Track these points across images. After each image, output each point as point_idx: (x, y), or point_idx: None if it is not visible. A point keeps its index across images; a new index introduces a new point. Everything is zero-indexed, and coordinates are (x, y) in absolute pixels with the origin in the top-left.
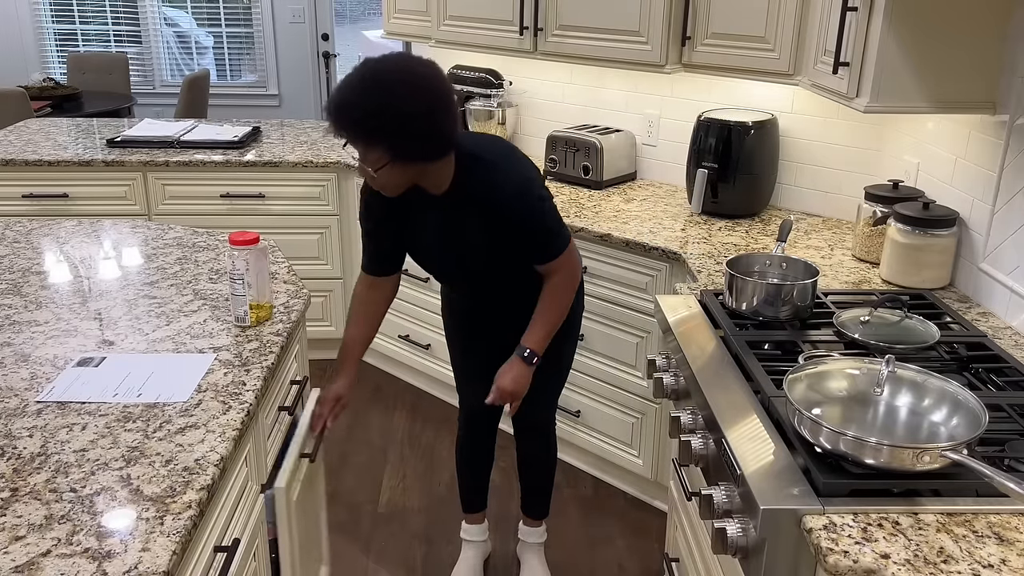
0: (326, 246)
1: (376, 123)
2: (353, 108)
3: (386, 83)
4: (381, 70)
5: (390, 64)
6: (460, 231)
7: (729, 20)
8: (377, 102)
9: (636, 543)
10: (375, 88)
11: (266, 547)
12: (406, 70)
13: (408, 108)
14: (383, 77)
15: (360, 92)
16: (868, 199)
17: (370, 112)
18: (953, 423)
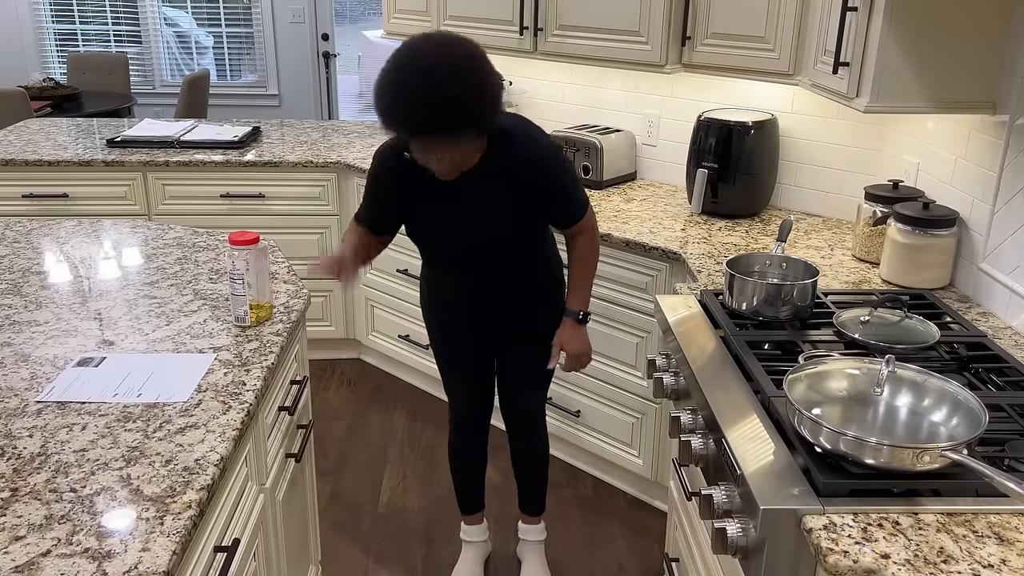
0: (326, 246)
1: (453, 111)
2: (430, 104)
3: (449, 70)
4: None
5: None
6: (485, 203)
7: (729, 20)
8: (450, 92)
9: (636, 543)
10: (444, 79)
11: (266, 547)
12: (454, 53)
13: (474, 89)
14: (444, 64)
15: (429, 86)
16: (868, 199)
17: (447, 102)
18: (953, 423)
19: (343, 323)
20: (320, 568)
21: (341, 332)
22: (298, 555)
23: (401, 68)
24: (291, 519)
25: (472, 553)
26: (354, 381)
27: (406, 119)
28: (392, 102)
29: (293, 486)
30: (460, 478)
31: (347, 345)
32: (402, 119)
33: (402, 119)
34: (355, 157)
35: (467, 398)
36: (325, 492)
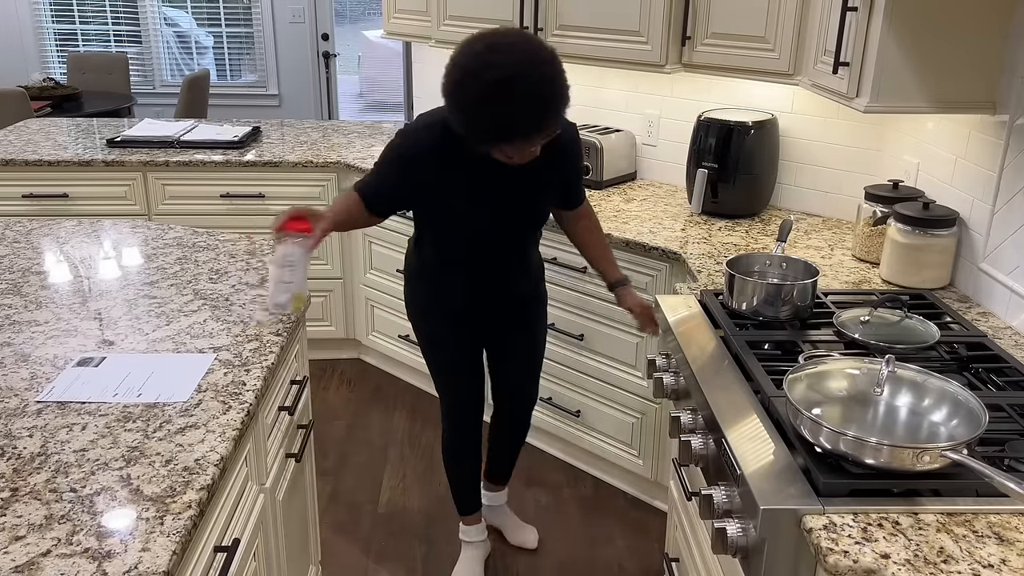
0: (326, 246)
1: (565, 102)
2: (555, 101)
3: (551, 65)
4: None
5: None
6: (526, 185)
7: (729, 20)
8: (562, 85)
9: (636, 543)
10: (554, 75)
11: (266, 547)
12: (540, 46)
13: (565, 75)
14: (547, 60)
15: (552, 87)
16: (868, 199)
17: (563, 96)
18: (953, 423)
19: (343, 323)
20: (320, 568)
21: (341, 332)
22: (298, 555)
23: (515, 77)
24: (291, 519)
25: (472, 553)
26: (354, 381)
27: (538, 124)
28: (522, 112)
29: (293, 486)
30: (457, 478)
31: (347, 345)
32: (534, 125)
33: (534, 125)
34: (355, 157)
35: (466, 394)
36: (325, 492)
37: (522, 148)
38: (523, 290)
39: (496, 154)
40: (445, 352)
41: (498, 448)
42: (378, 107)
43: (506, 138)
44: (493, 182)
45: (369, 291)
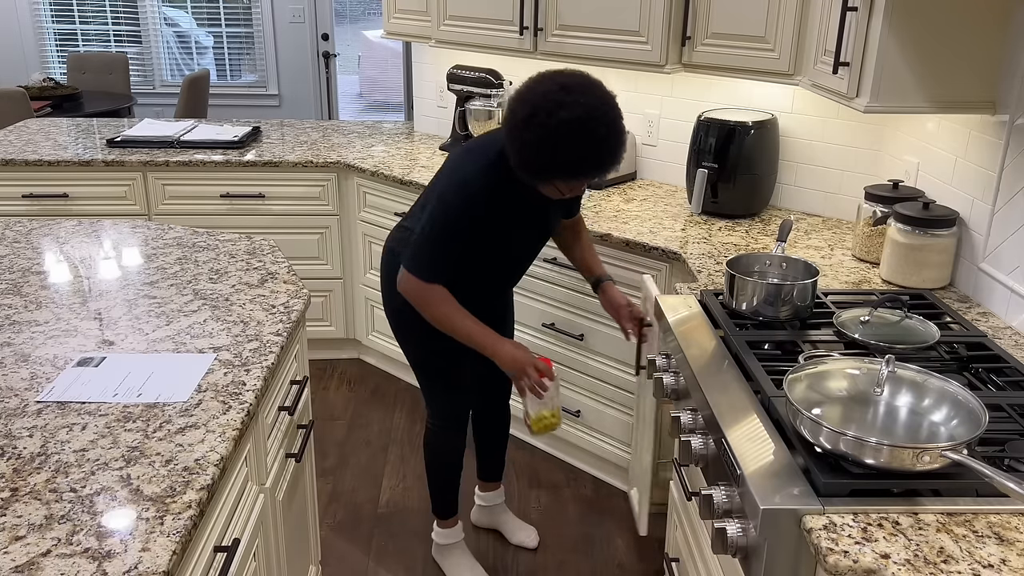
0: (326, 246)
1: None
2: (621, 145)
3: (616, 109)
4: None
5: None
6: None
7: (729, 20)
8: (623, 128)
9: (636, 543)
10: (618, 117)
11: (266, 547)
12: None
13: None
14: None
15: (619, 132)
16: (868, 199)
17: (625, 137)
18: (953, 423)
19: (343, 323)
20: (320, 568)
21: (341, 332)
22: (298, 555)
23: (589, 119)
24: (291, 519)
25: (463, 549)
26: (354, 381)
27: (604, 165)
28: (593, 152)
29: (293, 486)
30: (448, 482)
31: (347, 345)
32: (600, 166)
33: (600, 166)
34: (355, 157)
35: (468, 400)
36: (325, 492)
37: (579, 185)
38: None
39: (546, 188)
40: (454, 362)
41: (490, 442)
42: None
43: (572, 175)
44: (533, 209)
45: (369, 291)
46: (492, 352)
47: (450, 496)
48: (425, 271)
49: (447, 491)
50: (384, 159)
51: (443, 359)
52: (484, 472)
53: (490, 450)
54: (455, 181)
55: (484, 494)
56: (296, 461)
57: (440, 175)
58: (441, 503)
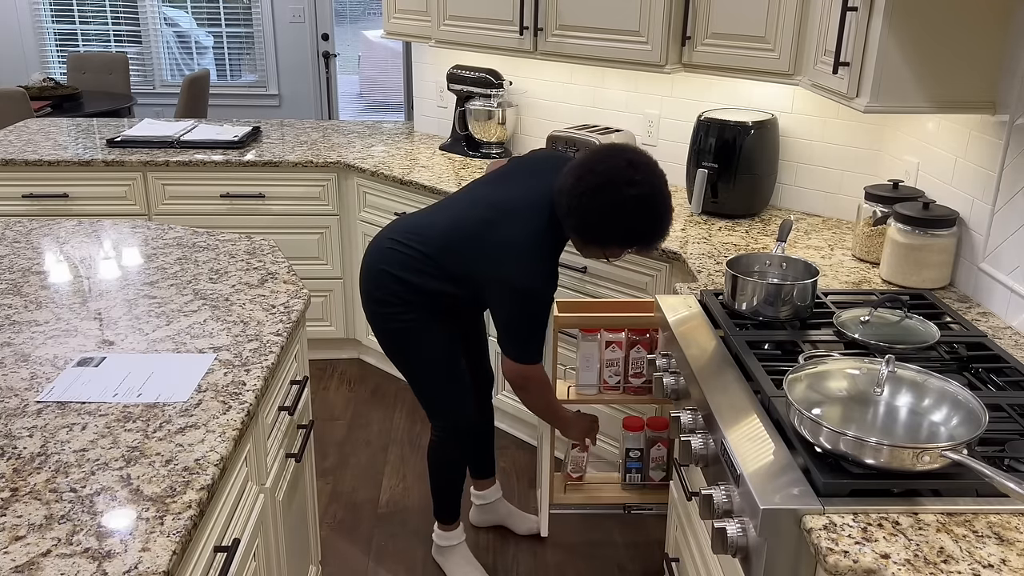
0: (326, 246)
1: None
2: (671, 219)
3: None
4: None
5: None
6: None
7: (729, 20)
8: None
9: (636, 543)
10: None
11: (266, 547)
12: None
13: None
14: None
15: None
16: (868, 199)
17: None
18: (953, 423)
19: (343, 323)
20: (320, 568)
21: (341, 332)
22: (298, 555)
23: (654, 197)
24: (291, 519)
25: (467, 550)
26: (354, 381)
27: (658, 239)
28: (652, 228)
29: (293, 486)
30: (454, 486)
31: (347, 345)
32: (655, 239)
33: (655, 239)
34: (355, 157)
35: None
36: (325, 492)
37: (624, 253)
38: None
39: (590, 251)
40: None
41: (482, 439)
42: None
43: (628, 244)
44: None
45: None
46: (565, 427)
47: (454, 501)
48: (535, 354)
49: (451, 496)
50: (384, 159)
51: (441, 367)
52: (477, 470)
53: (480, 448)
54: (526, 262)
55: (481, 492)
56: (296, 461)
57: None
58: (444, 508)
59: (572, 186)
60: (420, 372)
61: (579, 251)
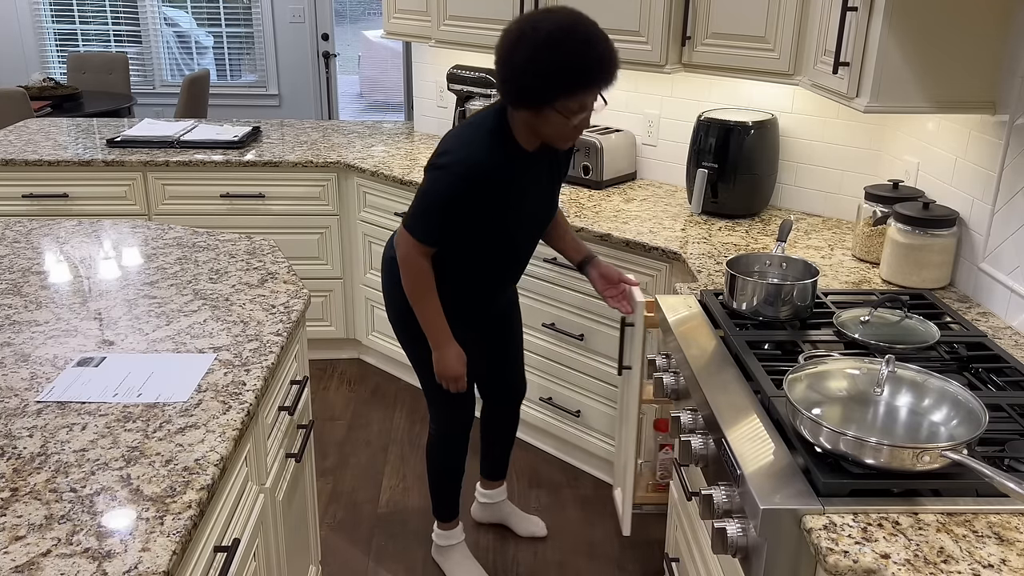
0: (326, 246)
1: (617, 55)
2: (610, 48)
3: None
4: (579, 12)
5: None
6: (550, 181)
7: (729, 20)
8: (608, 37)
9: (636, 543)
10: (597, 26)
11: (266, 547)
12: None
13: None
14: (588, 18)
15: (596, 31)
16: (868, 199)
17: (612, 45)
18: (953, 423)
19: (343, 323)
20: (320, 568)
21: (341, 332)
22: (298, 555)
23: (571, 26)
24: (291, 519)
25: (465, 550)
26: (354, 381)
27: (599, 67)
28: (582, 55)
29: (293, 486)
30: (451, 485)
31: (347, 345)
32: (596, 69)
33: (596, 69)
34: (355, 157)
35: (472, 399)
36: (325, 492)
37: (585, 102)
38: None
39: (552, 125)
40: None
41: (498, 444)
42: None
43: (570, 85)
44: (529, 181)
45: (369, 291)
46: (436, 347)
47: (452, 500)
48: (418, 230)
49: (449, 495)
50: (384, 159)
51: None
52: (488, 471)
53: (496, 451)
54: (454, 148)
55: (486, 491)
56: (296, 461)
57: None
58: (442, 506)
59: (496, 59)
60: (424, 359)
61: (537, 134)
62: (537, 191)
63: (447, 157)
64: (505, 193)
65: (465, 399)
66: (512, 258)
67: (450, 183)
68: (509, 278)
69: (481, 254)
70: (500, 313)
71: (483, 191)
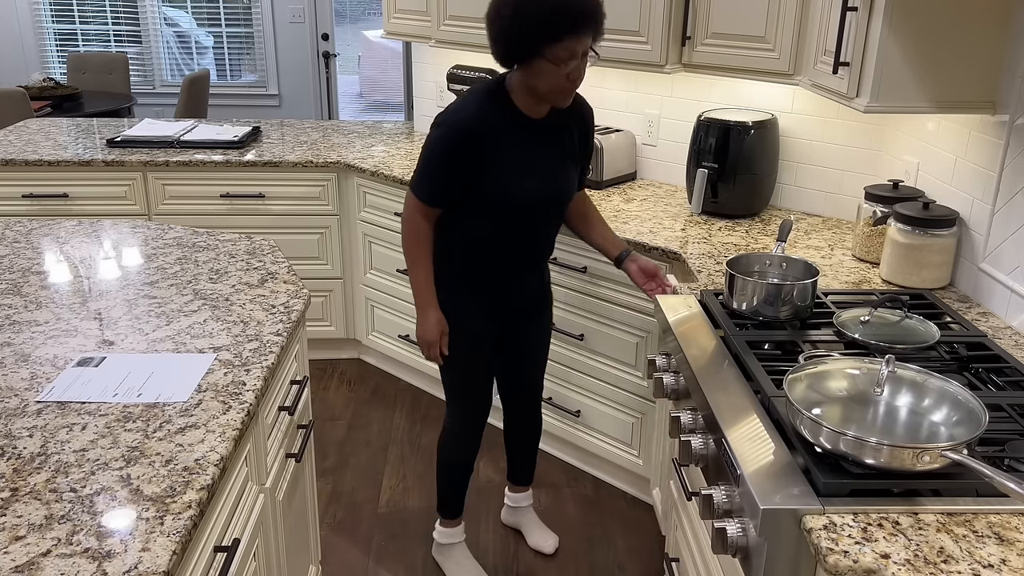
0: (326, 246)
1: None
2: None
3: None
4: None
5: None
6: (560, 151)
7: (729, 20)
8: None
9: (636, 543)
10: None
11: (266, 547)
12: None
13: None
14: None
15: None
16: (868, 199)
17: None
18: (953, 423)
19: (343, 323)
20: (320, 568)
21: (341, 332)
22: (298, 555)
23: None
24: (291, 519)
25: (465, 549)
26: (354, 381)
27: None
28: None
29: (293, 486)
30: (459, 482)
31: (347, 345)
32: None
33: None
34: (355, 157)
35: (487, 393)
36: (325, 492)
37: (573, 49)
38: (543, 279)
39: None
40: (473, 347)
41: (519, 448)
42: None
43: (556, 31)
44: (534, 151)
45: (369, 291)
46: (418, 309)
47: (456, 497)
48: (419, 189)
49: (455, 492)
50: (384, 159)
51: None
52: (514, 476)
53: (521, 456)
54: (452, 109)
55: (514, 495)
56: (296, 461)
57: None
58: (446, 503)
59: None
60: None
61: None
62: (544, 168)
63: (443, 116)
64: (500, 157)
65: (480, 395)
66: (522, 240)
67: (443, 141)
68: (523, 264)
69: (489, 231)
70: (524, 308)
71: (476, 151)
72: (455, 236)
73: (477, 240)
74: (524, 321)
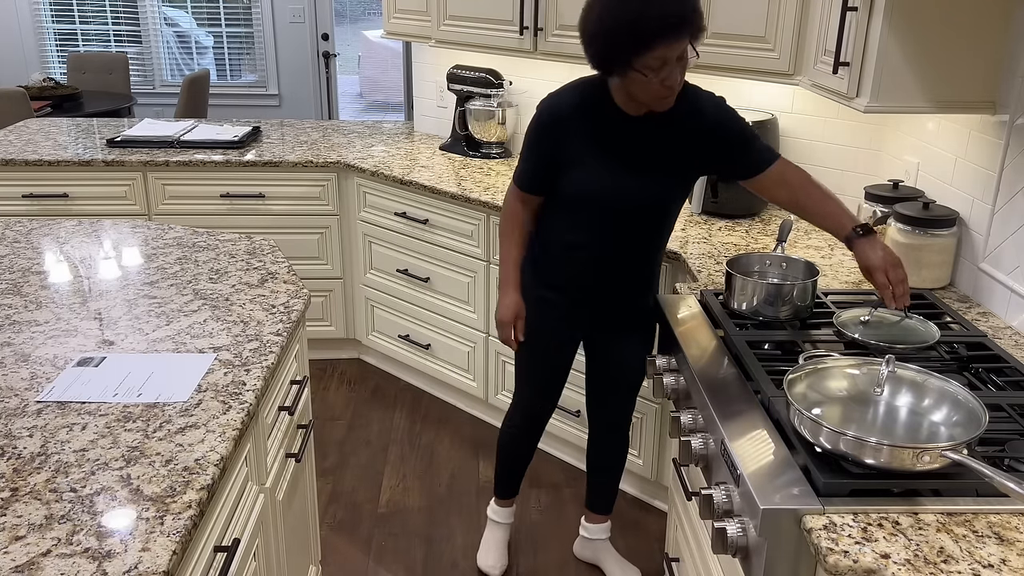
0: (326, 246)
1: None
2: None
3: None
4: None
5: None
6: (662, 156)
7: (729, 20)
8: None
9: (636, 543)
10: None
11: (266, 547)
12: None
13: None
14: None
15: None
16: (868, 199)
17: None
18: (953, 423)
19: (343, 323)
20: (320, 568)
21: (341, 332)
22: (298, 555)
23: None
24: (291, 519)
25: (500, 533)
26: (354, 381)
27: (673, 17)
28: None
29: (293, 486)
30: (514, 466)
31: (347, 345)
32: (669, 20)
33: (669, 20)
34: (355, 157)
35: (551, 390)
36: (325, 492)
37: (665, 56)
38: (636, 297)
39: (637, 85)
40: (547, 339)
41: (594, 473)
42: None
43: (646, 42)
44: (625, 150)
45: (369, 291)
46: (500, 288)
47: (507, 480)
48: (516, 171)
49: (509, 476)
50: (384, 159)
51: (523, 358)
52: (591, 503)
53: (600, 481)
54: (550, 93)
55: (589, 525)
56: (296, 461)
57: None
58: (500, 484)
59: (580, 28)
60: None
61: (633, 98)
62: (634, 169)
63: (542, 100)
64: (586, 149)
65: (540, 393)
66: (600, 244)
67: (533, 123)
68: (603, 271)
69: (565, 227)
70: (607, 322)
71: (561, 136)
72: (539, 228)
73: (555, 235)
74: (611, 338)
